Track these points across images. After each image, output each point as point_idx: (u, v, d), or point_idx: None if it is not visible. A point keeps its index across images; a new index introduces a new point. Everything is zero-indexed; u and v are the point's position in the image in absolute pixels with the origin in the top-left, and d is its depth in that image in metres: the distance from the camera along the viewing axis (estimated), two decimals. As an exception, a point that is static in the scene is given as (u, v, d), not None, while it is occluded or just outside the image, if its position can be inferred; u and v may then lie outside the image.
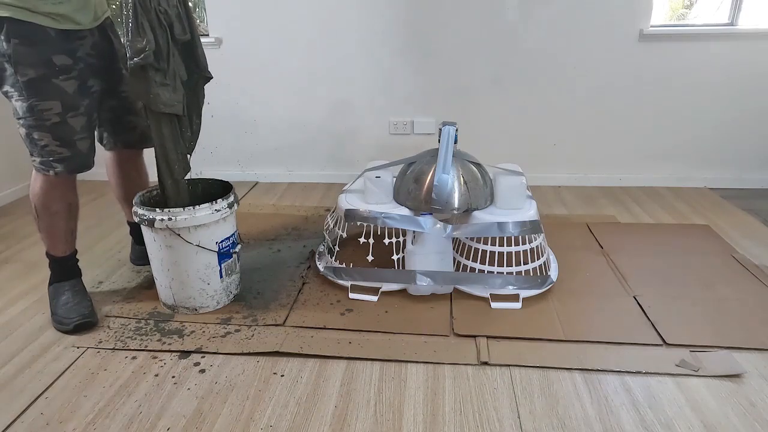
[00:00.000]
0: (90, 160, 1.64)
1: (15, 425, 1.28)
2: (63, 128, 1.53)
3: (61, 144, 1.54)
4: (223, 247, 1.68)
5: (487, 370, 1.43)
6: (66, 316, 1.64)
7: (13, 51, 1.43)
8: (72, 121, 1.54)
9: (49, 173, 1.57)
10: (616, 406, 1.29)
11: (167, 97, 1.55)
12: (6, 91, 1.50)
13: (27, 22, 1.42)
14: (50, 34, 1.47)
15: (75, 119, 1.55)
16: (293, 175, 3.04)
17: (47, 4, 1.44)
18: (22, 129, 1.53)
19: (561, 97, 2.74)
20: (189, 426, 1.26)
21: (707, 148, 2.77)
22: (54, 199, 1.62)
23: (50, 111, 1.50)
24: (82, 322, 1.62)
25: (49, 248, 1.70)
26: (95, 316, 1.68)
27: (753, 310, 1.66)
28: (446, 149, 1.79)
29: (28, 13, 1.42)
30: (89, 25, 1.56)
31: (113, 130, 1.78)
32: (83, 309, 1.65)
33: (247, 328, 1.63)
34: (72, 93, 1.53)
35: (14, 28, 1.42)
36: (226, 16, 2.74)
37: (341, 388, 1.38)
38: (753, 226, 2.32)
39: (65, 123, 1.53)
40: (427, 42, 2.69)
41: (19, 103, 1.49)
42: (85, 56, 1.56)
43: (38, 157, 1.55)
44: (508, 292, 1.73)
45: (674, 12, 2.75)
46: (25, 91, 1.47)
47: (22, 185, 2.86)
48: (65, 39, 1.50)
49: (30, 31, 1.44)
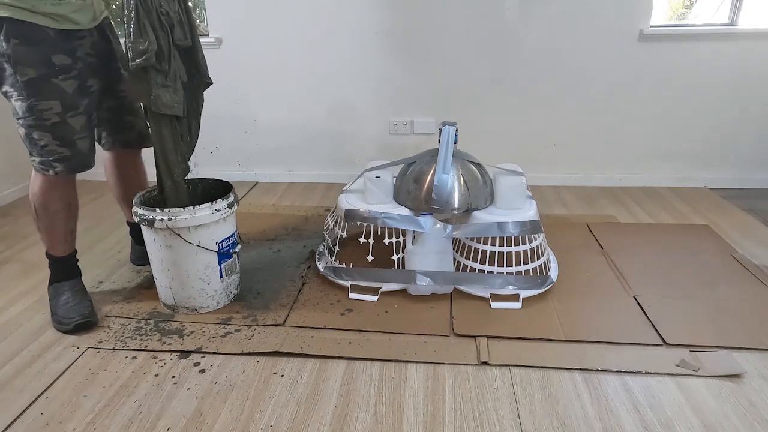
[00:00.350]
0: (90, 159, 1.64)
1: (15, 425, 1.28)
2: (63, 128, 1.53)
3: (61, 144, 1.54)
4: (223, 247, 1.68)
5: (487, 370, 1.43)
6: (66, 316, 1.64)
7: (12, 51, 1.43)
8: (72, 120, 1.54)
9: (48, 173, 1.57)
10: (616, 406, 1.29)
11: (168, 98, 1.55)
12: (5, 92, 1.50)
13: (26, 22, 1.42)
14: (49, 34, 1.47)
15: (75, 119, 1.55)
16: (293, 175, 3.04)
17: (46, 4, 1.44)
18: (21, 129, 1.53)
19: (561, 97, 2.74)
20: (189, 426, 1.26)
21: (707, 148, 2.77)
22: (53, 198, 1.62)
23: (50, 111, 1.50)
24: (82, 322, 1.62)
25: (48, 248, 1.70)
26: (95, 315, 1.68)
27: (753, 310, 1.66)
28: (446, 149, 1.79)
29: (28, 13, 1.42)
30: (88, 25, 1.56)
31: (111, 130, 1.78)
32: (83, 309, 1.65)
33: (247, 328, 1.63)
34: (72, 93, 1.53)
35: (14, 28, 1.42)
36: (226, 16, 2.74)
37: (341, 388, 1.38)
38: (753, 226, 2.32)
39: (65, 123, 1.53)
40: (428, 42, 2.69)
41: (19, 103, 1.49)
42: (84, 56, 1.56)
43: (38, 156, 1.55)
44: (508, 292, 1.73)
45: (674, 12, 2.75)
46: (25, 91, 1.47)
47: (22, 185, 2.86)
48: (64, 39, 1.50)
49: (29, 31, 1.44)
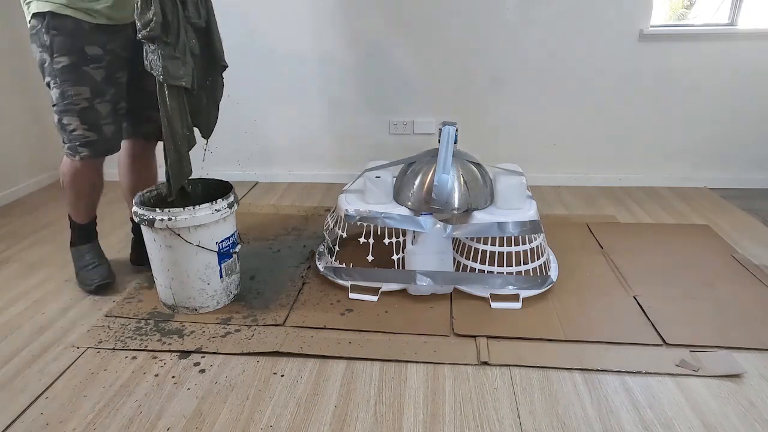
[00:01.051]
0: (114, 144, 1.77)
1: (15, 425, 1.28)
2: (91, 113, 1.66)
3: (89, 128, 1.67)
4: (223, 247, 1.68)
5: (487, 370, 1.43)
6: (88, 278, 1.85)
7: (50, 41, 1.58)
8: (99, 106, 1.67)
9: (75, 158, 1.71)
10: (616, 406, 1.29)
11: (175, 70, 1.61)
12: (48, 82, 1.65)
13: (65, 15, 1.57)
14: (84, 27, 1.60)
15: (102, 105, 1.67)
16: (293, 175, 3.04)
17: (84, 1, 1.58)
18: (55, 116, 1.68)
19: (561, 97, 2.74)
20: (189, 426, 1.26)
21: (707, 148, 2.77)
22: (80, 180, 1.78)
23: (80, 96, 1.63)
24: (103, 284, 1.83)
25: (72, 215, 1.89)
26: (114, 277, 1.89)
27: (753, 310, 1.66)
28: (446, 149, 1.79)
29: (67, 8, 1.56)
30: (123, 21, 1.67)
31: (132, 121, 1.88)
32: (103, 271, 1.88)
33: (247, 328, 1.63)
34: (100, 81, 1.65)
35: (54, 21, 1.57)
36: (225, 15, 2.74)
37: (341, 388, 1.38)
38: (753, 226, 2.32)
39: (93, 108, 1.66)
40: (428, 42, 2.69)
41: (54, 90, 1.64)
42: (115, 49, 1.67)
43: (67, 142, 1.70)
44: (508, 292, 1.73)
45: (674, 12, 2.74)
46: (59, 77, 1.61)
47: (22, 185, 2.86)
48: (99, 32, 1.63)
49: (67, 24, 1.58)
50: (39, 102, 2.94)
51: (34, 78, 2.91)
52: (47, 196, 2.86)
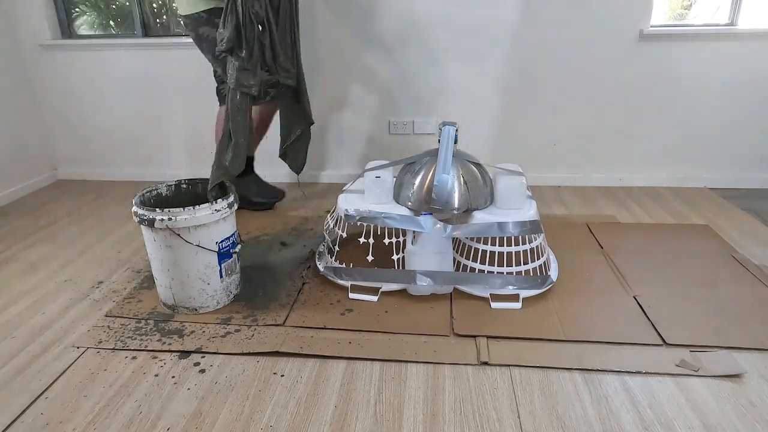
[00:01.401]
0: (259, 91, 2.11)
1: (15, 425, 1.28)
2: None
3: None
4: (223, 247, 1.68)
5: (487, 370, 1.43)
6: (265, 197, 2.55)
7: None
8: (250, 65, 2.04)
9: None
10: (616, 406, 1.29)
11: (245, 80, 1.93)
12: (216, 55, 2.02)
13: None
14: None
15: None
16: (293, 175, 3.04)
17: None
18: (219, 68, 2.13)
19: (561, 97, 2.74)
20: (189, 426, 1.26)
21: (707, 148, 2.77)
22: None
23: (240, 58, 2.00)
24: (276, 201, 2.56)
25: (251, 151, 2.23)
26: (282, 192, 2.61)
27: (753, 310, 1.66)
28: (446, 149, 1.79)
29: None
30: None
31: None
32: (275, 192, 2.60)
33: (247, 328, 1.63)
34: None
35: (217, 14, 1.99)
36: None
37: (341, 388, 1.38)
38: (753, 226, 2.32)
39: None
40: (427, 41, 2.69)
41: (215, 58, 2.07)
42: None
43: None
44: (508, 292, 1.73)
45: (673, 12, 2.74)
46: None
47: (21, 185, 2.86)
48: None
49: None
50: (39, 102, 2.95)
51: (34, 78, 2.92)
52: (47, 196, 2.86)
